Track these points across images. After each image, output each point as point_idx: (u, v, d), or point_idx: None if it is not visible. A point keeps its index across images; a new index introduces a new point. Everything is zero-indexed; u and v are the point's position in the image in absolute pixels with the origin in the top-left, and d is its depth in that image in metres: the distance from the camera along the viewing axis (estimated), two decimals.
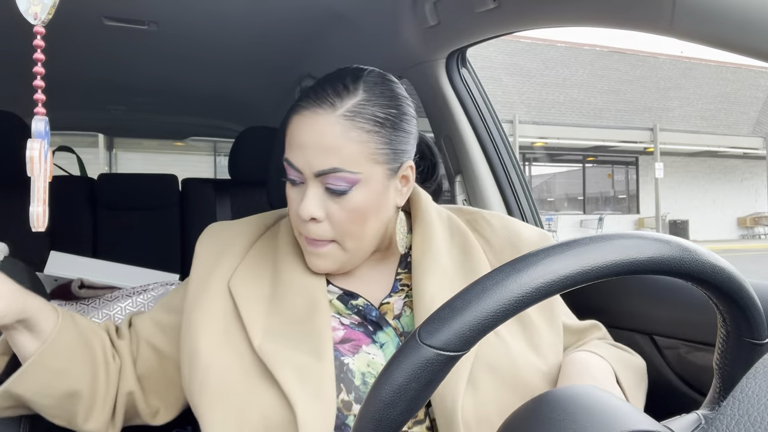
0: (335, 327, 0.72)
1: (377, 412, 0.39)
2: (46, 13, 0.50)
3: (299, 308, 0.70)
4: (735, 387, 0.35)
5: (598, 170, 17.25)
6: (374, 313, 0.73)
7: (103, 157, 10.43)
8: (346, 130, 0.66)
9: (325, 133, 0.66)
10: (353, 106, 0.67)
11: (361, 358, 0.69)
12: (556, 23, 0.96)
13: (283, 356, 0.66)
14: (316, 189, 0.68)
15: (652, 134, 15.19)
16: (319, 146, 0.66)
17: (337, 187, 0.67)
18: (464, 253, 0.77)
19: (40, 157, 0.51)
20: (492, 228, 0.81)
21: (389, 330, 0.72)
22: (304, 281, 0.73)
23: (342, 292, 0.75)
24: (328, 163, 0.66)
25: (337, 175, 0.66)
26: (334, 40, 1.54)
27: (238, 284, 0.73)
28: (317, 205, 0.68)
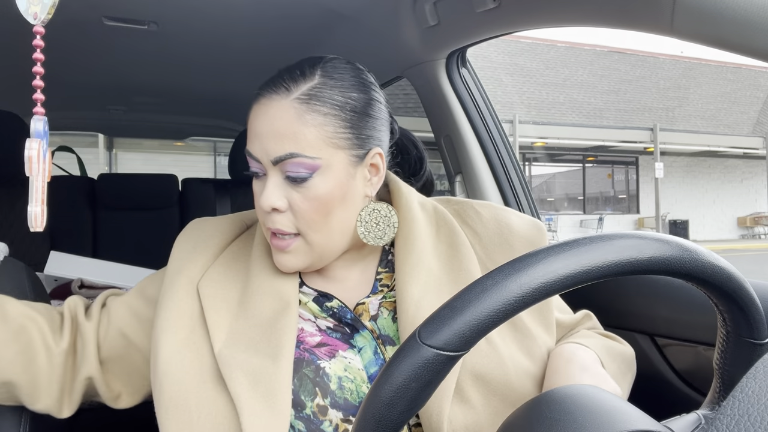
0: (312, 332, 0.69)
1: (377, 412, 0.39)
2: (46, 13, 0.50)
3: (267, 311, 0.68)
4: (735, 387, 0.35)
5: (598, 170, 17.25)
6: (349, 315, 0.70)
7: (103, 157, 10.43)
8: (301, 113, 0.64)
9: (279, 119, 0.64)
10: (308, 89, 0.65)
11: (338, 362, 0.67)
12: (556, 23, 0.96)
13: (238, 360, 0.64)
14: (276, 178, 0.66)
15: (652, 134, 15.19)
16: (275, 132, 0.64)
17: (297, 174, 0.65)
18: (452, 248, 0.74)
19: (39, 157, 0.51)
20: (481, 219, 0.77)
21: (366, 333, 0.70)
22: (275, 283, 0.70)
23: (317, 294, 0.72)
24: (285, 149, 0.64)
25: (295, 160, 0.64)
26: (334, 40, 1.54)
27: (207, 286, 0.71)
28: (278, 195, 0.66)
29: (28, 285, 0.91)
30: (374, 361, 0.68)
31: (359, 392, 0.66)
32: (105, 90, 2.18)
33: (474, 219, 0.77)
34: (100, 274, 1.56)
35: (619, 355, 0.74)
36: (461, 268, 0.71)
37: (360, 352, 0.69)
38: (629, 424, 0.38)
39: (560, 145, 15.12)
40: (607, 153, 16.46)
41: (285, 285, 0.70)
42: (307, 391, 0.65)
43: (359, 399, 0.65)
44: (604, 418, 0.39)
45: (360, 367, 0.67)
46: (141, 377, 0.75)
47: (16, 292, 0.88)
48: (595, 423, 0.38)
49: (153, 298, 0.75)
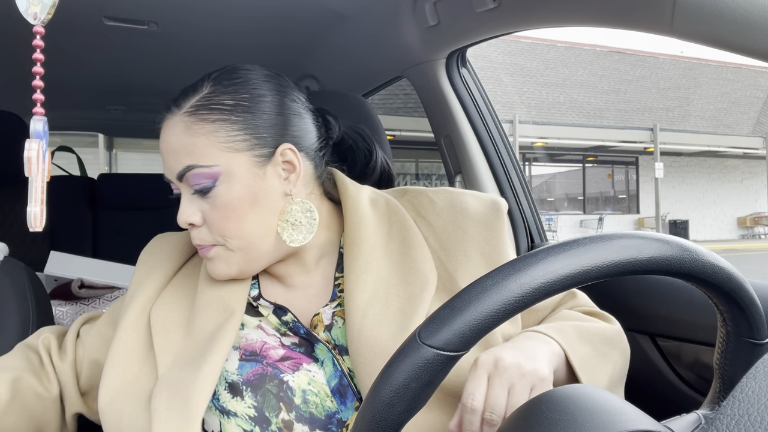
0: (275, 346, 0.68)
1: (377, 412, 0.39)
2: (46, 13, 0.50)
3: (212, 324, 0.67)
4: (735, 387, 0.35)
5: (598, 170, 17.25)
6: (302, 330, 0.68)
7: (103, 157, 10.41)
8: (189, 125, 0.65)
9: (172, 135, 0.66)
10: (196, 102, 0.66)
11: (302, 375, 0.65)
12: (556, 23, 0.96)
13: (168, 379, 0.63)
14: (187, 194, 0.68)
15: (652, 134, 15.19)
16: (171, 149, 0.66)
17: (201, 186, 0.65)
18: (404, 245, 0.71)
19: (38, 158, 0.51)
20: (435, 208, 0.74)
21: (321, 346, 0.68)
22: (221, 294, 0.69)
23: (274, 307, 0.70)
24: (181, 163, 0.65)
25: (194, 172, 0.65)
26: (334, 40, 1.54)
27: (158, 311, 0.71)
28: (192, 211, 0.67)
29: (28, 285, 0.91)
30: (334, 374, 0.66)
31: (324, 406, 0.64)
32: (105, 90, 2.18)
33: (428, 209, 0.74)
34: (100, 274, 1.56)
35: (597, 335, 0.68)
36: (413, 267, 0.69)
37: (322, 365, 0.67)
38: (629, 424, 0.38)
39: (560, 145, 15.12)
40: (607, 153, 16.46)
41: (230, 294, 0.69)
42: (270, 407, 0.63)
43: (324, 413, 0.64)
44: (604, 418, 0.39)
45: (323, 381, 0.66)
46: None
47: (16, 292, 0.88)
48: (595, 423, 0.38)
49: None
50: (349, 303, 0.66)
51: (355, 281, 0.67)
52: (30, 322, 0.87)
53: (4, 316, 0.84)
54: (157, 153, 0.71)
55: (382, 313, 0.65)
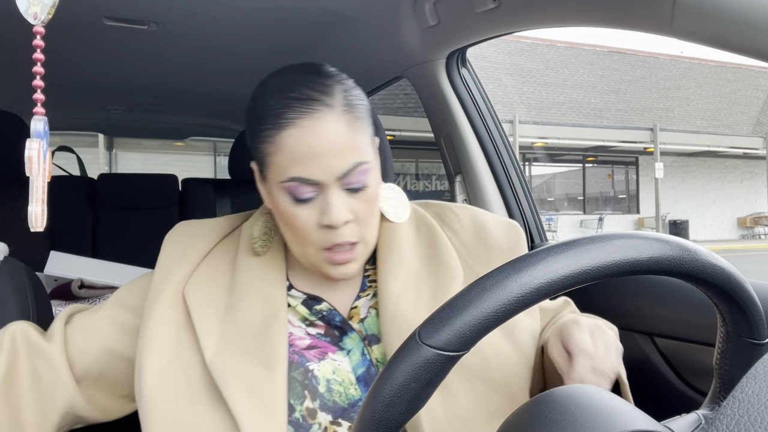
0: (301, 336, 0.69)
1: (377, 412, 0.39)
2: (46, 13, 0.50)
3: (257, 317, 0.67)
4: (735, 387, 0.35)
5: (598, 170, 17.25)
6: (338, 318, 0.71)
7: (103, 157, 10.42)
8: (350, 122, 0.64)
9: (336, 132, 0.63)
10: (343, 99, 0.65)
11: (327, 364, 0.67)
12: (556, 23, 0.96)
13: (233, 370, 0.63)
14: (338, 192, 0.64)
15: (652, 134, 15.19)
16: (336, 147, 0.63)
17: (358, 184, 0.65)
18: (432, 247, 0.75)
19: (39, 157, 0.51)
20: (459, 220, 0.79)
21: (354, 335, 0.70)
22: (263, 288, 0.69)
23: (306, 297, 0.72)
24: (349, 161, 0.63)
25: (359, 169, 0.64)
26: (334, 40, 1.54)
27: (193, 291, 0.70)
28: (346, 208, 0.65)
29: (28, 285, 0.91)
30: (361, 363, 0.68)
31: (347, 395, 0.66)
32: (105, 90, 2.18)
33: (453, 219, 0.79)
34: (100, 274, 1.56)
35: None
36: (441, 263, 0.73)
37: (348, 354, 0.69)
38: (629, 424, 0.38)
39: (560, 145, 15.12)
40: (607, 153, 16.46)
41: (273, 290, 0.70)
42: (296, 395, 0.65)
43: (348, 401, 0.66)
44: (604, 418, 0.39)
45: (348, 369, 0.68)
46: (129, 385, 0.73)
47: (16, 292, 0.88)
48: (595, 423, 0.38)
49: (136, 307, 0.73)
50: (383, 290, 0.70)
51: (389, 271, 0.71)
52: (30, 322, 0.87)
53: (4, 316, 0.84)
54: (157, 153, 0.70)
55: (414, 299, 0.69)
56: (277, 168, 0.64)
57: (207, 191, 2.26)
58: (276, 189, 0.66)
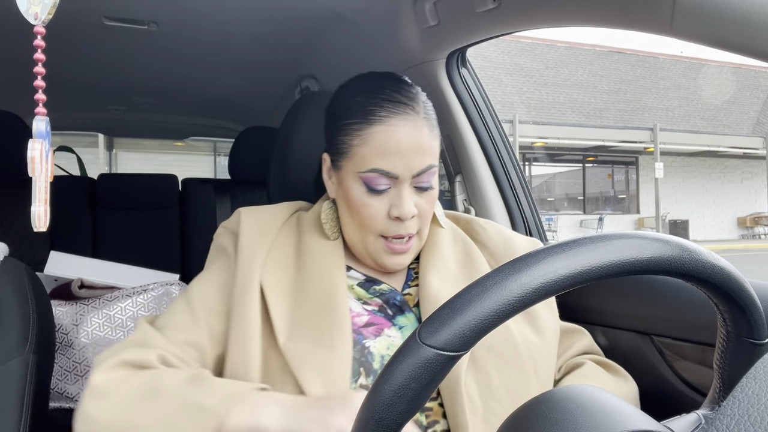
0: (359, 312, 0.74)
1: (377, 412, 0.39)
2: (46, 13, 0.50)
3: (322, 298, 0.72)
4: (735, 387, 0.35)
5: (598, 170, 17.25)
6: (398, 297, 0.77)
7: (103, 157, 10.42)
8: (430, 129, 0.74)
9: (420, 136, 0.72)
10: (425, 107, 0.74)
11: (382, 341, 0.72)
12: (556, 23, 0.96)
13: (303, 353, 0.67)
14: (409, 189, 0.73)
15: (652, 134, 15.19)
16: (418, 148, 0.71)
17: (427, 184, 0.73)
18: (466, 256, 0.82)
19: (41, 158, 0.51)
20: (487, 233, 0.87)
21: (410, 315, 0.76)
22: (327, 272, 0.74)
23: (364, 279, 0.78)
24: (425, 162, 0.72)
25: (431, 171, 0.73)
26: (334, 40, 1.54)
27: (267, 274, 0.73)
28: (413, 204, 0.73)
29: (28, 285, 0.91)
30: None
31: None
32: (105, 90, 2.18)
33: (481, 234, 0.87)
34: (100, 274, 1.56)
35: (625, 396, 0.79)
36: (476, 269, 0.80)
37: (401, 330, 0.74)
38: (629, 424, 0.38)
39: (560, 145, 15.12)
40: (607, 153, 16.46)
41: (336, 274, 0.75)
42: (352, 372, 0.68)
43: None
44: (604, 418, 0.39)
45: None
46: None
47: (16, 292, 0.88)
48: (595, 423, 0.38)
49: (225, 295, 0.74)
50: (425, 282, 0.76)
51: (430, 267, 0.78)
52: (30, 322, 0.87)
53: (4, 316, 0.84)
54: (157, 153, 0.71)
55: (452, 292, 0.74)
56: (360, 159, 0.72)
57: (207, 191, 2.26)
58: (351, 178, 0.73)
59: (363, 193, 0.72)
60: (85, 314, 1.44)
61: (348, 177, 0.73)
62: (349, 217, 0.76)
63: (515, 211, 1.39)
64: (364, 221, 0.73)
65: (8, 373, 0.80)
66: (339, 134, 0.74)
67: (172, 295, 1.51)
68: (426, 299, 0.74)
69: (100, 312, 1.45)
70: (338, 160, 0.75)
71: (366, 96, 0.73)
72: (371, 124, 0.71)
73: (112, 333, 1.45)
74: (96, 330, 1.44)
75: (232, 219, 0.81)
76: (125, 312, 1.47)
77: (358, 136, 0.71)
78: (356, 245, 0.77)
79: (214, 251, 0.80)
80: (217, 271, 0.76)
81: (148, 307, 1.49)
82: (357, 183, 0.72)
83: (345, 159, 0.73)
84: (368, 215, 0.73)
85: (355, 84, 0.77)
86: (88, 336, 1.43)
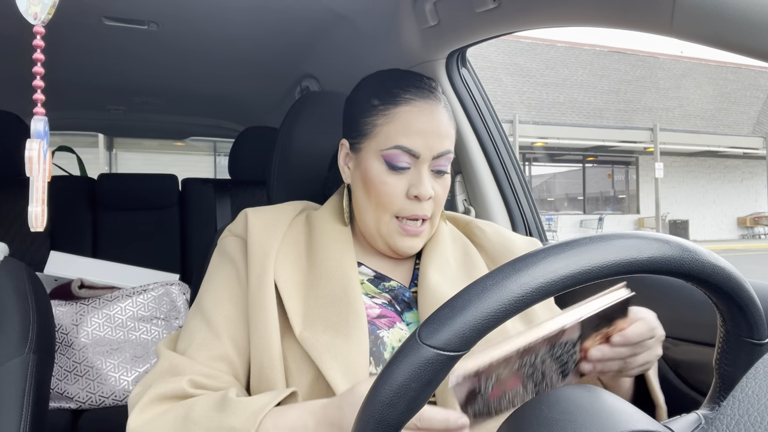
0: (371, 305, 0.76)
1: (377, 412, 0.39)
2: (46, 13, 0.50)
3: (336, 291, 0.73)
4: (735, 387, 0.35)
5: (598, 170, 17.25)
6: (407, 294, 0.79)
7: (103, 157, 10.42)
8: (450, 117, 0.78)
9: (440, 121, 0.76)
10: (443, 98, 0.78)
11: (395, 332, 0.73)
12: (556, 23, 0.96)
13: (323, 343, 0.68)
14: (428, 171, 0.76)
15: (652, 134, 15.19)
16: (438, 132, 0.75)
17: (444, 168, 0.77)
18: (465, 255, 0.84)
19: (39, 158, 0.51)
20: (486, 235, 0.88)
21: (417, 312, 0.77)
22: (339, 266, 0.76)
23: (374, 275, 0.80)
24: (445, 146, 0.76)
25: (447, 156, 0.77)
26: (334, 40, 1.54)
27: (279, 269, 0.74)
28: (430, 186, 0.75)
29: (28, 285, 0.91)
30: None
31: None
32: (105, 90, 2.18)
33: (479, 236, 0.88)
34: (100, 274, 1.56)
35: None
36: (474, 268, 0.82)
37: (409, 326, 0.76)
38: (629, 424, 0.38)
39: (560, 145, 15.12)
40: (607, 153, 16.45)
41: (348, 268, 0.76)
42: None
43: None
44: (604, 418, 0.39)
45: None
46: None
47: (16, 292, 0.88)
48: (595, 423, 0.38)
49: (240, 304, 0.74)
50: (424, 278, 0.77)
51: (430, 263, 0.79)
52: (30, 322, 0.87)
53: (4, 316, 0.84)
54: (157, 153, 0.71)
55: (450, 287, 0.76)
56: (384, 136, 0.75)
57: (207, 191, 2.26)
58: (372, 157, 0.76)
59: (383, 170, 0.75)
60: (85, 314, 1.44)
61: (369, 156, 0.76)
62: (365, 199, 0.77)
63: (515, 211, 1.39)
64: (382, 199, 0.75)
65: (8, 373, 0.80)
66: (363, 116, 0.77)
67: (171, 295, 1.51)
68: (424, 293, 0.75)
69: (100, 312, 1.45)
70: (359, 141, 0.78)
71: (393, 81, 0.77)
72: (398, 104, 0.75)
73: (112, 333, 1.45)
74: (96, 330, 1.44)
75: (237, 222, 0.81)
76: (125, 312, 1.47)
77: (384, 116, 0.75)
78: (370, 228, 0.78)
79: (219, 257, 0.79)
80: (226, 280, 0.76)
81: (148, 307, 1.49)
82: (378, 161, 0.75)
83: (367, 139, 0.77)
84: (386, 193, 0.75)
85: (379, 74, 0.81)
86: (88, 336, 1.43)
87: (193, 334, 0.72)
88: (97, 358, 1.42)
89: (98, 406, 1.44)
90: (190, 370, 0.68)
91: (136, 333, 1.47)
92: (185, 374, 0.67)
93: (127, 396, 1.45)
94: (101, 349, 1.44)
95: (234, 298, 0.74)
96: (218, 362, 0.70)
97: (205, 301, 0.74)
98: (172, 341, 0.75)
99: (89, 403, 1.43)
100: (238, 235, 0.79)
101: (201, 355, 0.70)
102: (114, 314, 1.46)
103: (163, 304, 1.50)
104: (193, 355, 0.70)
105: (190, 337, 0.72)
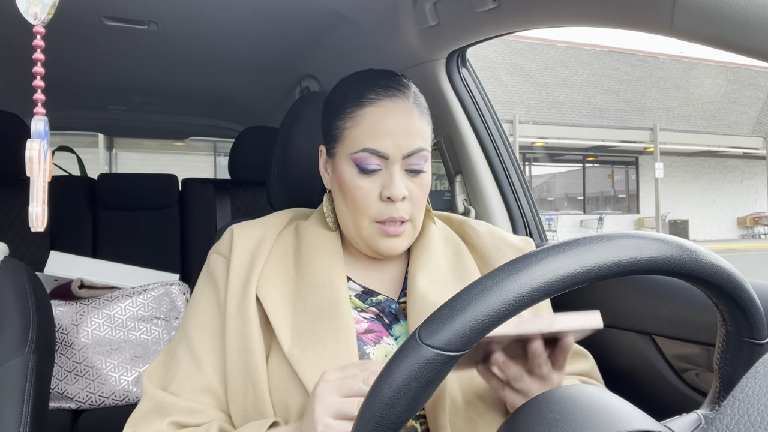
0: (358, 319, 0.75)
1: (377, 412, 0.39)
2: (46, 13, 0.50)
3: (325, 305, 0.72)
4: (735, 387, 0.35)
5: (598, 170, 17.24)
6: (394, 305, 0.78)
7: (103, 157, 10.42)
8: (420, 113, 0.76)
9: (409, 118, 0.74)
10: (415, 95, 0.77)
11: (382, 348, 0.73)
12: (556, 23, 0.96)
13: (311, 358, 0.68)
14: (400, 171, 0.74)
15: (652, 134, 15.18)
16: (407, 130, 0.73)
17: (419, 167, 0.75)
18: (457, 256, 0.83)
19: (40, 157, 0.51)
20: (477, 234, 0.87)
21: (404, 324, 0.76)
22: (327, 278, 0.75)
23: (362, 291, 0.79)
24: (415, 144, 0.74)
25: (421, 154, 0.74)
26: (334, 40, 1.54)
27: (263, 286, 0.73)
28: (404, 186, 0.74)
29: (28, 285, 0.91)
30: None
31: None
32: (105, 90, 2.18)
33: (472, 236, 0.87)
34: (100, 274, 1.56)
35: None
36: (465, 270, 0.81)
37: (397, 340, 0.75)
38: (629, 424, 0.38)
39: (560, 145, 15.11)
40: (607, 153, 16.45)
41: (336, 281, 0.75)
42: None
43: None
44: (604, 418, 0.39)
45: None
46: None
47: (16, 292, 0.88)
48: (595, 423, 0.38)
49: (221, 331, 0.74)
50: (413, 283, 0.76)
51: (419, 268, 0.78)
52: (30, 322, 0.87)
53: (4, 316, 0.84)
54: (157, 153, 0.70)
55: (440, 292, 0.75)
56: (352, 140, 0.74)
57: (207, 191, 2.26)
58: (344, 162, 0.75)
59: (355, 174, 0.74)
60: (85, 314, 1.44)
61: (342, 161, 0.75)
62: (343, 204, 0.77)
63: (515, 211, 1.39)
64: (357, 204, 0.74)
65: (8, 373, 0.80)
66: (334, 121, 0.76)
67: (171, 295, 1.51)
68: (413, 301, 0.74)
69: (100, 312, 1.45)
70: (333, 147, 0.77)
71: (360, 84, 0.76)
72: (363, 107, 0.74)
73: (112, 333, 1.45)
74: (96, 330, 1.44)
75: (224, 240, 0.79)
76: (125, 312, 1.47)
77: (351, 119, 0.74)
78: (351, 232, 0.77)
79: (205, 276, 0.79)
80: (207, 305, 0.75)
81: (148, 307, 1.49)
82: (349, 165, 0.74)
83: (339, 144, 0.76)
84: (360, 197, 0.74)
85: (351, 77, 0.80)
86: (88, 336, 1.43)
87: (179, 363, 0.72)
88: (97, 358, 1.43)
89: (98, 406, 1.44)
90: (173, 408, 0.67)
91: (136, 333, 1.47)
92: (169, 414, 0.67)
93: (127, 396, 1.45)
94: (101, 349, 1.44)
95: (216, 325, 0.74)
96: (203, 395, 0.70)
97: (189, 326, 0.74)
98: (154, 372, 0.74)
99: (89, 403, 1.43)
100: (222, 254, 0.78)
101: (186, 387, 0.69)
102: (114, 314, 1.46)
103: (163, 304, 1.50)
104: (178, 389, 0.69)
105: (176, 367, 0.72)
